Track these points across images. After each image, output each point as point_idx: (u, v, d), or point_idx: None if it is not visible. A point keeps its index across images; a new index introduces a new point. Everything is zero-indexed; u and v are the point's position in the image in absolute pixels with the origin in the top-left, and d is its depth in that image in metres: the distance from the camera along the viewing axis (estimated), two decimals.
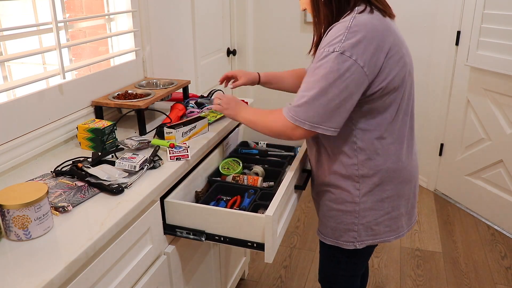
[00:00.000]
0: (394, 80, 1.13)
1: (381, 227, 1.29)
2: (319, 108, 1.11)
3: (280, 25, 3.20)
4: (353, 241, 1.30)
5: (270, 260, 1.17)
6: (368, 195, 1.24)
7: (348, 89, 1.09)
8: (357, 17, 1.10)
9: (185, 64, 2.34)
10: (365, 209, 1.26)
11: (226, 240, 1.22)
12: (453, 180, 2.96)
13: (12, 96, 1.38)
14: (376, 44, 1.08)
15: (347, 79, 1.08)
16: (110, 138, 1.38)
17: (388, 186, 1.25)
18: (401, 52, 1.13)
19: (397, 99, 1.17)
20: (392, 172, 1.23)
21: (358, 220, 1.27)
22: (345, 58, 1.07)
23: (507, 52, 2.41)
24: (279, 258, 2.41)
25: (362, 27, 1.08)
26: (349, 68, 1.07)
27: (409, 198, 1.32)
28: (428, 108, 3.03)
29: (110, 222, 0.98)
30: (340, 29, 1.09)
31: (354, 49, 1.06)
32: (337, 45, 1.08)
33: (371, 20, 1.10)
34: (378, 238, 1.30)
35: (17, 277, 0.81)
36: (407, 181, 1.28)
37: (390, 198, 1.26)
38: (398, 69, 1.13)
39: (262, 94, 3.41)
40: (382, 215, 1.27)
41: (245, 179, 1.45)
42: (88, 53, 1.87)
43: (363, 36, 1.07)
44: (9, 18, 1.64)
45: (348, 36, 1.07)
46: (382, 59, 1.09)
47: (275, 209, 1.14)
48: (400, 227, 1.32)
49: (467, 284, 2.19)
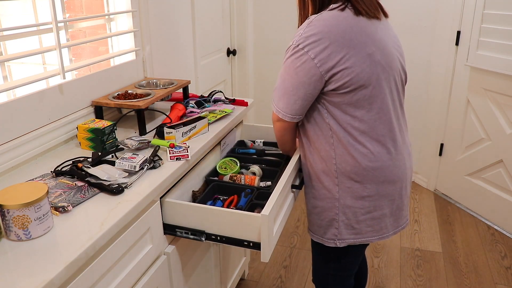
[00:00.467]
0: (359, 77, 1.15)
1: (362, 226, 1.29)
2: (280, 95, 1.24)
3: (280, 25, 3.20)
4: (334, 238, 1.31)
5: (266, 260, 1.17)
6: (347, 192, 1.26)
7: (298, 78, 1.18)
8: (323, 13, 1.17)
9: (185, 64, 2.34)
10: (345, 205, 1.28)
11: (223, 240, 1.22)
12: (453, 180, 2.96)
13: (12, 96, 1.38)
14: (332, 39, 1.13)
15: (298, 69, 1.17)
16: (110, 138, 1.38)
17: (368, 185, 1.26)
18: (369, 50, 1.16)
19: (367, 96, 1.19)
20: (372, 171, 1.24)
21: (338, 217, 1.29)
22: (298, 50, 1.16)
23: (507, 52, 2.41)
24: (279, 258, 2.41)
25: (321, 22, 1.14)
26: (300, 58, 1.16)
27: (394, 199, 1.31)
28: (428, 108, 3.03)
29: (110, 222, 0.98)
30: (304, 23, 1.18)
31: (307, 42, 1.14)
32: (296, 38, 1.17)
33: (335, 16, 1.15)
34: (360, 237, 1.31)
35: (17, 277, 0.81)
36: (390, 181, 1.27)
37: (371, 197, 1.27)
38: (363, 66, 1.15)
39: (262, 94, 3.41)
40: (363, 213, 1.28)
41: (242, 178, 1.45)
42: (88, 53, 1.87)
43: (319, 31, 1.14)
44: (9, 18, 1.64)
45: (306, 30, 1.16)
46: (338, 55, 1.13)
47: (271, 208, 1.14)
48: (384, 228, 1.32)
49: (467, 284, 2.19)
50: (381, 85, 1.20)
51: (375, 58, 1.16)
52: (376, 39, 1.18)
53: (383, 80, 1.20)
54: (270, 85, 3.38)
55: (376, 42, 1.17)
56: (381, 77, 1.19)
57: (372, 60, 1.16)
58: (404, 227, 1.39)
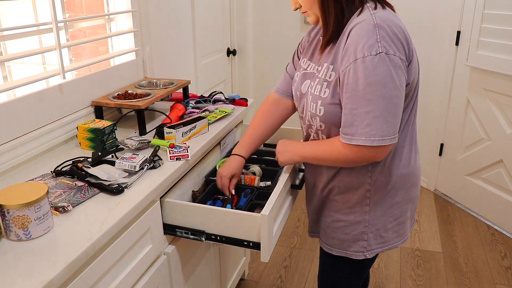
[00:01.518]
0: (415, 77, 1.10)
1: (389, 233, 1.24)
2: (391, 118, 1.02)
3: (280, 25, 3.20)
4: (363, 250, 1.24)
5: (266, 260, 1.17)
6: (379, 203, 1.20)
7: (403, 87, 1.04)
8: (376, 13, 1.04)
9: (185, 64, 2.34)
10: (376, 217, 1.21)
11: (222, 240, 1.22)
12: (453, 180, 2.96)
13: (12, 96, 1.38)
14: (404, 39, 1.04)
15: (400, 77, 1.03)
16: (110, 138, 1.38)
17: (399, 192, 1.21)
18: (413, 47, 1.10)
19: (413, 99, 1.14)
20: (404, 177, 1.20)
21: (368, 229, 1.22)
22: (392, 57, 1.01)
23: (507, 52, 2.41)
24: (279, 258, 2.41)
25: (389, 22, 1.03)
26: (399, 66, 1.02)
27: (415, 201, 1.29)
28: (428, 108, 3.03)
29: (110, 222, 0.98)
30: (368, 29, 1.02)
31: (393, 46, 1.01)
32: (377, 45, 1.00)
33: (391, 15, 1.06)
34: (386, 245, 1.26)
35: (17, 277, 0.81)
36: (414, 185, 1.25)
37: (399, 204, 1.22)
38: (417, 66, 1.11)
39: (262, 95, 3.41)
40: (391, 221, 1.23)
41: (242, 178, 1.44)
42: (88, 53, 1.87)
43: (394, 32, 1.02)
44: (9, 18, 1.64)
45: (381, 33, 1.01)
46: (411, 54, 1.06)
47: (271, 208, 1.14)
48: (406, 231, 1.29)
49: (467, 284, 2.19)
50: (418, 86, 1.15)
51: (417, 59, 1.12)
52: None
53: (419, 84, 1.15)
54: (270, 85, 3.38)
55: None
56: (419, 81, 1.15)
57: (417, 61, 1.11)
58: (413, 225, 1.37)
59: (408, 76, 1.06)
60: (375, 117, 1.01)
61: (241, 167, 1.40)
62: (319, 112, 1.14)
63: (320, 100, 1.13)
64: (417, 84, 1.13)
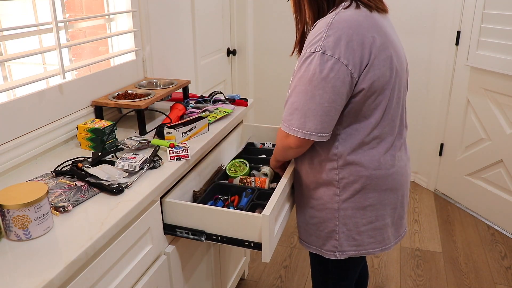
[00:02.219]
0: (379, 80, 1.07)
1: (364, 237, 1.23)
2: (310, 114, 1.06)
3: (280, 25, 3.20)
4: (334, 250, 1.24)
5: (267, 260, 1.17)
6: (348, 202, 1.19)
7: (335, 90, 1.03)
8: (340, 13, 1.05)
9: (185, 64, 2.34)
10: (346, 216, 1.20)
11: (223, 240, 1.22)
12: (453, 180, 2.96)
13: (12, 96, 1.38)
14: (359, 41, 1.02)
15: (332, 79, 1.02)
16: (110, 138, 1.38)
17: (371, 194, 1.19)
18: (388, 52, 1.07)
19: (383, 102, 1.11)
20: (375, 179, 1.18)
21: (338, 228, 1.22)
22: (327, 58, 1.01)
23: (507, 52, 2.41)
24: (279, 258, 2.41)
25: (343, 24, 1.02)
26: (333, 68, 1.02)
27: (396, 207, 1.25)
28: (428, 108, 3.03)
29: (110, 222, 0.98)
30: (321, 26, 1.04)
31: (336, 47, 1.01)
32: (318, 44, 1.02)
33: (355, 16, 1.04)
34: (361, 249, 1.24)
35: (17, 277, 0.81)
36: (392, 189, 1.21)
37: (373, 206, 1.20)
38: (384, 69, 1.07)
39: (262, 94, 3.41)
40: (365, 224, 1.22)
41: (252, 181, 1.42)
42: (88, 53, 1.87)
43: (345, 33, 1.01)
44: (9, 18, 1.64)
45: (329, 33, 1.02)
46: (366, 56, 1.03)
47: (272, 208, 1.14)
48: (386, 239, 1.26)
49: (467, 284, 2.19)
50: (394, 89, 1.13)
51: (392, 61, 1.09)
52: (392, 40, 1.10)
53: (396, 84, 1.13)
54: (270, 85, 3.38)
55: (392, 43, 1.10)
56: (395, 82, 1.12)
57: (390, 63, 1.08)
58: (403, 236, 1.34)
59: (363, 81, 1.05)
60: (296, 109, 1.08)
61: None
62: None
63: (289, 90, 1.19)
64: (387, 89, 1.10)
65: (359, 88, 1.06)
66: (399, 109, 1.18)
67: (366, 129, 1.13)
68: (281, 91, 3.35)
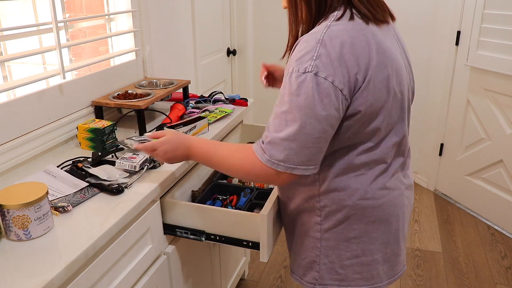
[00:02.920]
0: (373, 104, 0.94)
1: (348, 272, 1.09)
2: (295, 146, 0.92)
3: (280, 25, 3.20)
4: (314, 283, 1.13)
5: (265, 259, 1.17)
6: (331, 232, 1.07)
7: (329, 118, 0.90)
8: (332, 26, 0.91)
9: (185, 64, 2.34)
10: (328, 247, 1.08)
11: (222, 239, 1.22)
12: (453, 180, 2.96)
13: (12, 96, 1.38)
14: (354, 62, 0.90)
15: (327, 106, 0.89)
16: (110, 138, 1.38)
17: (355, 225, 1.05)
18: (386, 72, 0.95)
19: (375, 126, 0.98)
20: (360, 209, 1.04)
21: (319, 259, 1.10)
22: (320, 81, 0.88)
23: (507, 52, 2.41)
24: (279, 258, 2.41)
25: (336, 41, 0.89)
26: (327, 93, 0.89)
27: (388, 242, 1.10)
28: (428, 108, 3.03)
29: (110, 222, 0.98)
30: (311, 42, 0.91)
31: (329, 68, 0.88)
32: (309, 63, 0.89)
33: (349, 31, 0.91)
34: (345, 284, 1.10)
35: (17, 277, 0.81)
36: (382, 221, 1.06)
37: (358, 239, 1.07)
38: (379, 93, 0.94)
39: (262, 94, 3.41)
40: (349, 257, 1.08)
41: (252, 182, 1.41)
42: (88, 53, 1.87)
43: (338, 52, 0.89)
44: (9, 18, 1.64)
45: (321, 51, 0.89)
46: (361, 79, 0.91)
47: (270, 208, 1.14)
48: (376, 276, 1.11)
49: (467, 284, 2.19)
50: (390, 113, 0.99)
51: (390, 83, 0.96)
52: (392, 57, 0.97)
53: (392, 108, 0.99)
54: None
55: (393, 61, 0.97)
56: (392, 105, 0.98)
57: (387, 85, 0.95)
58: (401, 274, 1.17)
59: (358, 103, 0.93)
60: (281, 139, 0.92)
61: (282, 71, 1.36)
62: None
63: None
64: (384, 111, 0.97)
65: (350, 112, 0.94)
66: (397, 133, 1.04)
67: (353, 154, 1.01)
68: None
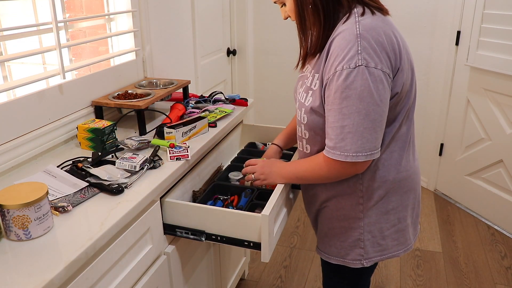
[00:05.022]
0: (406, 83, 1.06)
1: (388, 241, 1.21)
2: (367, 134, 1.00)
3: (280, 25, 3.20)
4: (360, 258, 1.21)
5: (266, 260, 1.17)
6: (372, 209, 1.17)
7: (384, 101, 1.00)
8: (362, 21, 1.01)
9: (185, 64, 2.34)
10: (370, 223, 1.18)
11: (223, 240, 1.22)
12: (453, 180, 2.96)
13: (12, 96, 1.38)
14: (390, 47, 1.00)
15: (381, 92, 0.99)
16: (110, 138, 1.38)
17: (393, 197, 1.17)
18: (408, 53, 1.07)
19: (407, 105, 1.10)
20: (398, 182, 1.16)
21: (363, 236, 1.19)
22: (372, 71, 0.97)
23: (507, 52, 2.41)
24: (279, 258, 2.41)
25: (372, 32, 0.99)
26: (381, 80, 0.98)
27: (414, 207, 1.25)
28: (428, 108, 3.03)
29: (110, 222, 0.98)
30: (350, 39, 0.99)
31: (375, 57, 0.98)
32: (356, 57, 0.97)
33: (377, 22, 1.02)
34: (386, 253, 1.22)
35: (17, 277, 0.81)
36: (411, 189, 1.20)
37: (395, 209, 1.19)
38: (407, 71, 1.06)
39: (262, 94, 3.41)
40: (389, 228, 1.20)
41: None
42: (88, 53, 1.87)
43: (378, 41, 0.98)
44: (9, 18, 1.64)
45: (363, 44, 0.97)
46: (398, 62, 1.02)
47: (271, 208, 1.14)
48: (408, 239, 1.25)
49: (467, 284, 2.19)
50: (415, 89, 1.12)
51: (411, 62, 1.09)
52: (405, 41, 1.08)
53: (414, 84, 1.12)
54: (270, 85, 3.38)
55: (405, 44, 1.08)
56: (415, 82, 1.12)
57: (410, 64, 1.08)
58: (418, 233, 1.33)
59: (396, 85, 1.04)
60: (349, 132, 1.00)
61: (277, 154, 1.44)
62: (303, 120, 1.14)
63: (303, 108, 1.13)
64: (411, 89, 1.10)
65: (392, 93, 1.04)
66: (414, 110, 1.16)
67: (390, 133, 1.11)
68: (281, 91, 3.34)
